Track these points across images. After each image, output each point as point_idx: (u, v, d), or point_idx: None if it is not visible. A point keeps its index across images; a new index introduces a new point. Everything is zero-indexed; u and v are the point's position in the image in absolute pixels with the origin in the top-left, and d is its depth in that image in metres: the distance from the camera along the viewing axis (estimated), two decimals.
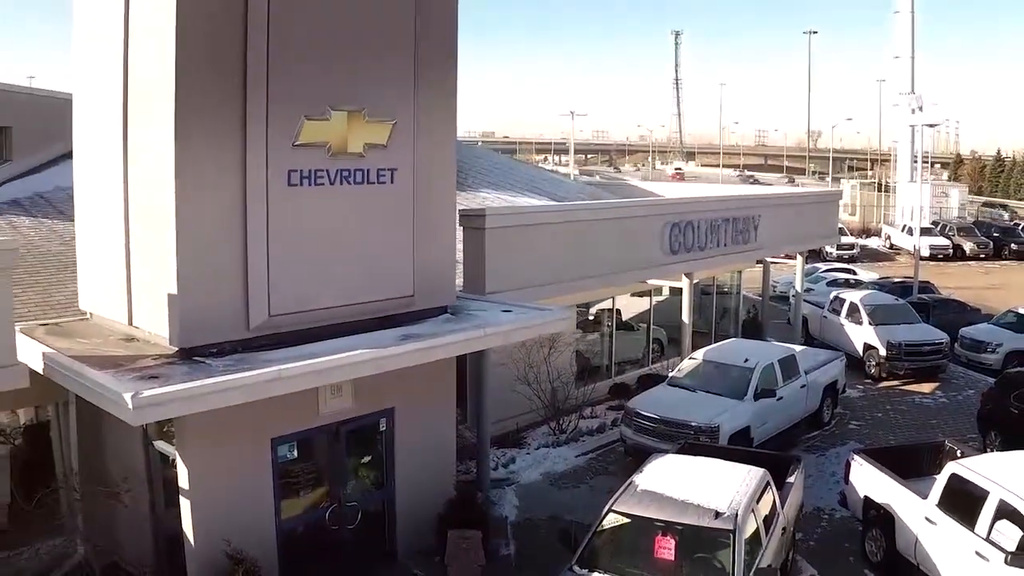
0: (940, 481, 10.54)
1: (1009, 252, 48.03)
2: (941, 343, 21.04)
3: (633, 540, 9.15)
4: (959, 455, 11.47)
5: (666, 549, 8.81)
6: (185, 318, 8.72)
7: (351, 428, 10.53)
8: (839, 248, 42.39)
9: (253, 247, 9.03)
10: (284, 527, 9.95)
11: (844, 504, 12.48)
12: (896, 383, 20.43)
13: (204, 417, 8.40)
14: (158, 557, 10.08)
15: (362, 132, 9.77)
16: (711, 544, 8.80)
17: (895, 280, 32.52)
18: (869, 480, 11.65)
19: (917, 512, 10.61)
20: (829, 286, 30.32)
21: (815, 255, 38.35)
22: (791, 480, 11.16)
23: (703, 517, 8.88)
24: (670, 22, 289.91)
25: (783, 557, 10.12)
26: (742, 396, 14.86)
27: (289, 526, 10.03)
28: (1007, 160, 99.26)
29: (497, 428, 14.80)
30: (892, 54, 63.57)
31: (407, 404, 10.96)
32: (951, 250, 47.09)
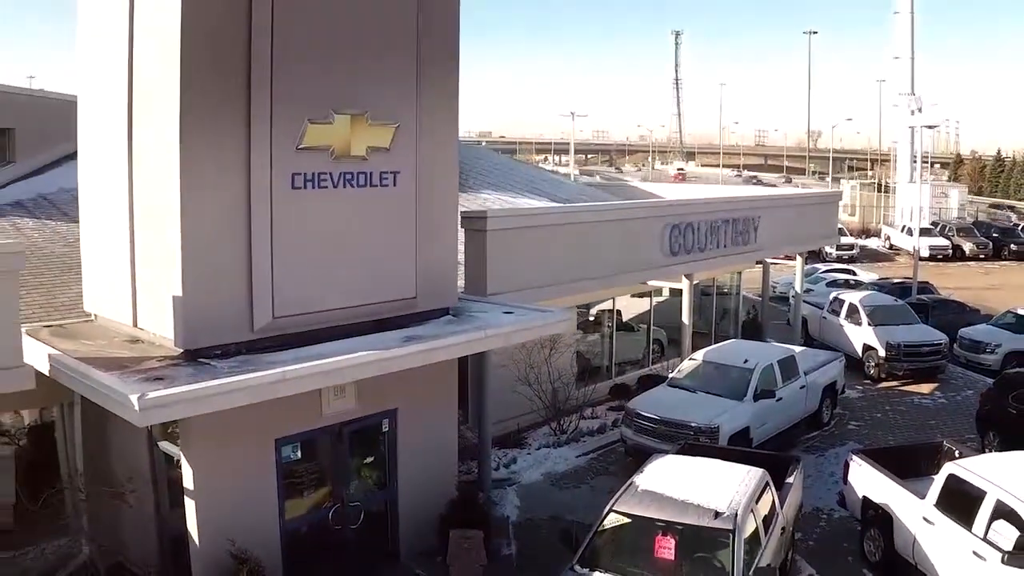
0: (938, 481, 10.59)
1: (1008, 252, 48.11)
2: (940, 344, 21.06)
3: (634, 540, 9.21)
4: (957, 455, 11.52)
5: (666, 549, 8.87)
6: (190, 320, 8.78)
7: (354, 429, 10.59)
8: (839, 248, 42.44)
9: (257, 249, 9.10)
10: (288, 527, 10.01)
11: (843, 504, 12.52)
12: (895, 384, 20.46)
13: (209, 418, 8.46)
14: (163, 557, 10.14)
15: (365, 135, 9.83)
16: (711, 544, 8.86)
17: (894, 281, 32.55)
18: (868, 480, 11.70)
19: (915, 512, 10.67)
20: (828, 287, 30.33)
21: (815, 255, 38.37)
22: (790, 480, 11.21)
23: (703, 517, 8.94)
24: (670, 22, 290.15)
25: (782, 556, 10.18)
26: (742, 397, 14.91)
27: (293, 526, 10.09)
28: (1007, 160, 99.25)
29: (498, 428, 14.84)
30: (892, 54, 63.61)
31: (409, 405, 11.01)
32: (950, 251, 47.15)
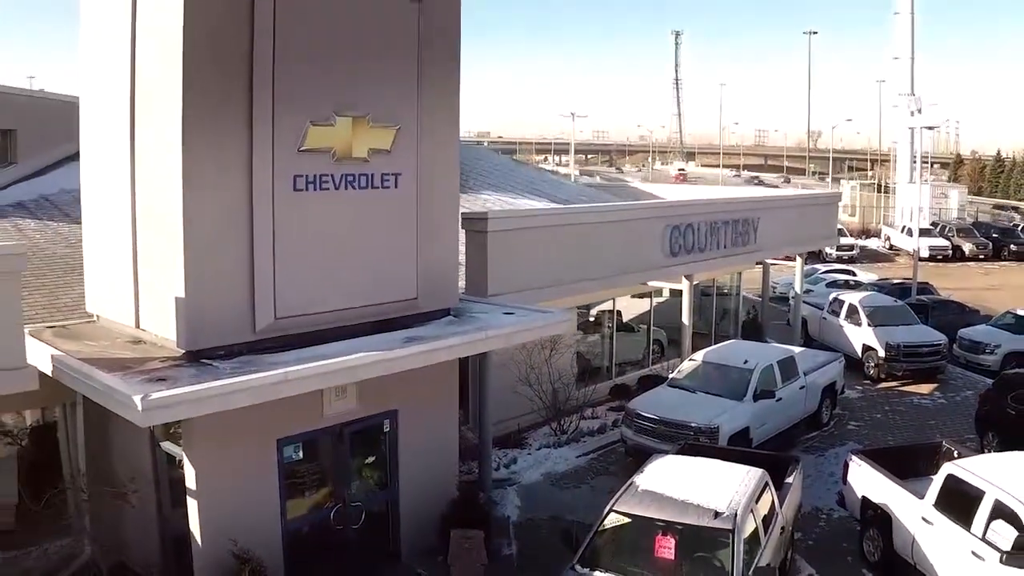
0: (937, 481, 10.63)
1: (1008, 253, 48.13)
2: (939, 344, 21.09)
3: (634, 540, 9.25)
4: (956, 456, 11.56)
5: (666, 548, 8.91)
6: (192, 321, 8.82)
7: (355, 429, 10.63)
8: (839, 249, 42.44)
9: (259, 251, 9.15)
10: (289, 527, 10.05)
11: (842, 504, 12.54)
12: (895, 384, 20.48)
13: (211, 418, 8.49)
14: (165, 557, 10.17)
15: (366, 137, 9.88)
16: (711, 543, 8.91)
17: (894, 281, 32.59)
18: (867, 480, 11.74)
19: (914, 512, 10.71)
20: (828, 287, 30.34)
21: (814, 256, 38.36)
22: (790, 480, 11.26)
23: (703, 517, 8.97)
24: (670, 22, 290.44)
25: (782, 556, 10.22)
26: (741, 397, 14.95)
27: (294, 526, 10.13)
28: (1007, 160, 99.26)
29: (499, 429, 14.86)
30: (892, 55, 63.54)
31: (410, 405, 11.05)
32: (950, 251, 47.16)
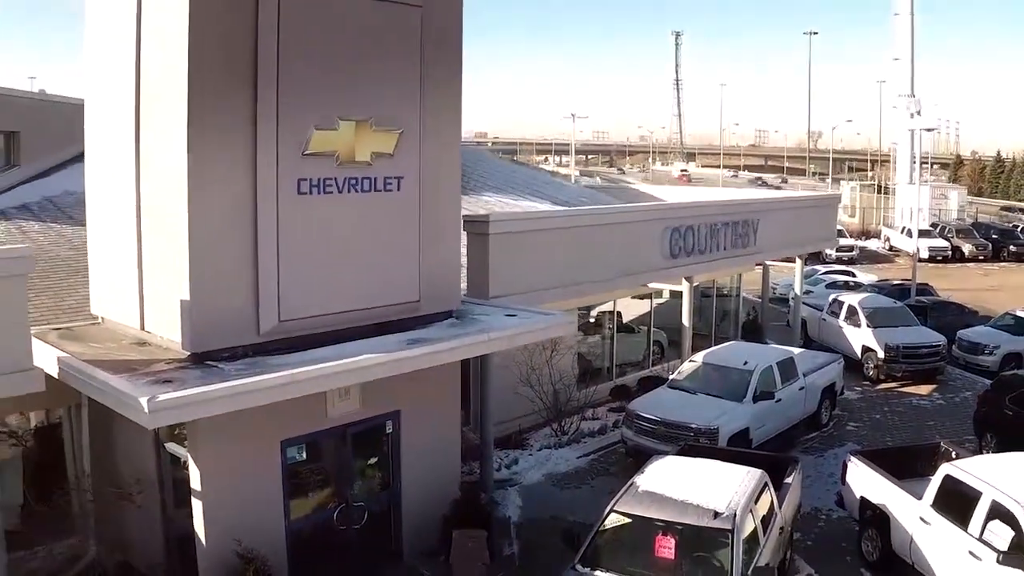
0: (934, 482, 10.70)
1: (1008, 254, 48.13)
2: (939, 345, 21.13)
3: (634, 540, 9.33)
4: (954, 456, 11.64)
5: (666, 548, 8.99)
6: (197, 323, 8.89)
7: (358, 430, 10.70)
8: (838, 250, 42.41)
9: (264, 253, 9.23)
10: (293, 527, 10.12)
11: (841, 504, 12.59)
12: (894, 385, 20.53)
13: (216, 420, 8.57)
14: (169, 557, 10.24)
15: (369, 141, 9.96)
16: (710, 543, 8.99)
17: (894, 282, 32.63)
18: (866, 481, 11.80)
19: (912, 512, 10.78)
20: (828, 288, 30.37)
21: (814, 257, 38.33)
22: (789, 481, 11.33)
23: (702, 517, 9.05)
24: (670, 22, 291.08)
25: (781, 556, 10.30)
26: (741, 398, 15.01)
27: (298, 526, 10.20)
28: (1007, 161, 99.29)
29: (500, 430, 14.93)
30: (892, 56, 63.48)
31: (413, 407, 11.12)
32: (950, 252, 47.18)
